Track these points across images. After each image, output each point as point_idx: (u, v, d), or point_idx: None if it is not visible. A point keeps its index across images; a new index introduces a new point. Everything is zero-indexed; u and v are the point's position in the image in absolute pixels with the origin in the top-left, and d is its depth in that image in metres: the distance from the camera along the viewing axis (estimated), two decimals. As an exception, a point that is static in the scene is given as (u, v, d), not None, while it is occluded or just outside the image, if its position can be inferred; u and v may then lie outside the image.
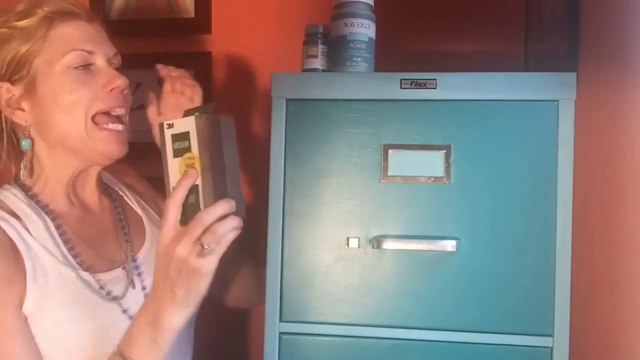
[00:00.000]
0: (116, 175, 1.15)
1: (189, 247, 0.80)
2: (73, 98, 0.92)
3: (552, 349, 0.92)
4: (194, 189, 0.83)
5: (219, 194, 0.82)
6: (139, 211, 1.10)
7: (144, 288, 1.00)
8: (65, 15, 0.94)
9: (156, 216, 1.12)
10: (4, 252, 0.88)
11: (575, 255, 0.92)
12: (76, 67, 0.93)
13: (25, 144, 0.95)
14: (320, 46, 1.09)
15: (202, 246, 0.81)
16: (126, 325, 0.93)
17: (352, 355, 0.96)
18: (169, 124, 0.85)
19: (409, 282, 0.95)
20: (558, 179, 0.93)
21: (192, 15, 1.43)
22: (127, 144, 0.98)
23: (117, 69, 0.99)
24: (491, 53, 1.33)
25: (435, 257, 0.94)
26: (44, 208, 0.96)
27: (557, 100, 0.93)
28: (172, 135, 0.84)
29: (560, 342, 0.92)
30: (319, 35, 1.09)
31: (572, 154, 0.93)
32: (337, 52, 1.03)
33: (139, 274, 1.01)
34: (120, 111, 0.96)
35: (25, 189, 0.97)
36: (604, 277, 0.92)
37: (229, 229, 0.81)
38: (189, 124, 0.83)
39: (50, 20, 0.93)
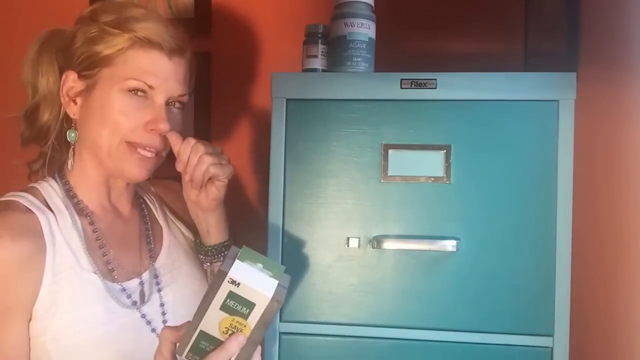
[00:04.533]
0: (155, 183, 1.16)
1: None
2: (116, 120, 0.93)
3: (552, 349, 0.92)
4: (212, 340, 0.81)
5: None
6: (161, 221, 1.10)
7: (162, 304, 0.99)
8: (148, 42, 0.94)
9: (177, 227, 1.12)
10: (33, 246, 0.88)
11: (575, 255, 0.92)
12: (134, 92, 0.94)
13: (71, 135, 0.98)
14: (320, 46, 1.09)
15: None
16: (145, 331, 0.94)
17: (352, 355, 0.96)
18: (234, 281, 0.79)
19: (409, 282, 0.95)
20: (558, 179, 0.93)
21: (192, 15, 1.43)
22: (151, 171, 0.98)
23: (178, 109, 0.99)
24: (491, 53, 1.33)
25: (436, 257, 0.94)
26: (78, 205, 0.98)
27: (557, 100, 0.93)
28: (231, 292, 0.79)
29: (560, 342, 0.92)
30: (319, 35, 1.09)
31: (572, 154, 0.93)
32: (337, 52, 1.03)
33: (157, 283, 1.01)
34: (151, 150, 0.96)
35: (64, 183, 0.99)
36: (604, 277, 0.92)
37: None
38: (260, 299, 0.79)
39: (134, 40, 0.93)
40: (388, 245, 0.94)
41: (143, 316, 0.96)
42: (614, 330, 0.87)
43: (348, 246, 0.97)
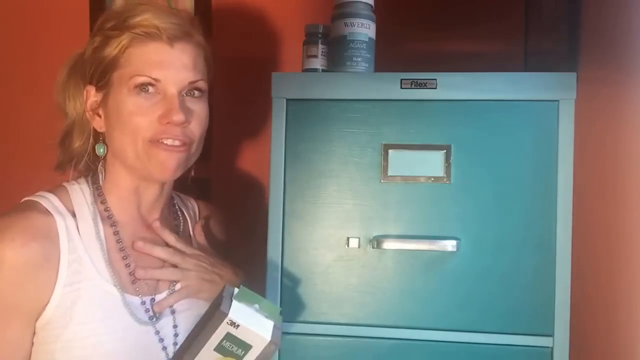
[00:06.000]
0: (201, 207, 1.17)
1: None
2: (132, 122, 0.92)
3: (552, 349, 0.92)
4: None
5: None
6: (194, 242, 1.09)
7: (175, 326, 0.98)
8: (146, 35, 0.92)
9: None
10: (45, 252, 0.87)
11: (575, 255, 0.92)
12: (142, 90, 0.92)
13: (100, 149, 0.97)
14: (320, 46, 1.09)
15: None
16: (157, 348, 0.93)
17: (352, 355, 0.96)
18: (233, 323, 0.78)
19: (409, 282, 0.95)
20: (558, 179, 0.93)
21: (192, 15, 1.43)
22: (181, 167, 0.96)
23: (198, 97, 0.97)
24: (491, 53, 1.33)
25: (436, 257, 0.94)
26: (105, 212, 0.97)
27: (557, 100, 0.93)
28: (228, 334, 0.78)
29: (560, 342, 0.92)
30: (319, 35, 1.09)
31: (572, 154, 0.93)
32: (337, 52, 1.03)
33: (171, 305, 0.99)
34: (174, 142, 0.94)
35: (95, 187, 0.98)
36: (604, 277, 0.92)
37: None
38: (257, 341, 0.79)
39: (132, 37, 0.92)
40: (388, 245, 0.94)
41: (157, 332, 0.94)
42: (614, 330, 0.87)
43: (348, 246, 0.97)
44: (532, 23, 1.28)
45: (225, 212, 1.24)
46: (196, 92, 0.97)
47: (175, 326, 0.98)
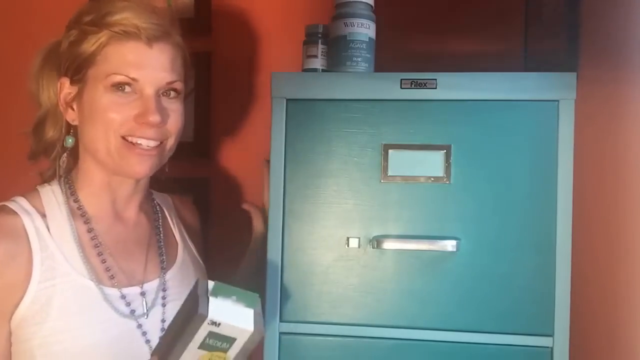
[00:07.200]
0: (175, 201, 1.17)
1: None
2: (105, 117, 0.92)
3: (552, 349, 0.92)
4: None
5: None
6: (177, 235, 1.10)
7: (163, 320, 0.98)
8: (125, 34, 0.92)
9: (191, 247, 1.12)
10: (12, 249, 0.88)
11: (575, 255, 0.92)
12: (119, 88, 0.92)
13: (68, 141, 0.98)
14: (320, 46, 1.09)
15: None
16: (140, 342, 0.93)
17: (352, 355, 0.96)
18: (215, 322, 0.78)
19: (409, 282, 0.95)
20: (558, 179, 0.93)
21: (192, 15, 1.43)
22: (154, 167, 0.97)
23: (174, 98, 0.97)
24: (491, 53, 1.33)
25: (436, 257, 0.94)
26: (79, 209, 0.97)
27: (557, 100, 0.93)
28: (210, 332, 0.79)
29: (560, 342, 0.92)
30: (319, 35, 1.09)
31: (572, 154, 0.93)
32: (337, 52, 1.03)
33: (164, 297, 1.00)
34: (149, 143, 0.94)
35: (68, 186, 0.98)
36: (604, 277, 0.92)
37: None
38: (241, 334, 0.79)
39: (110, 35, 0.92)
40: (388, 245, 0.94)
41: (139, 326, 0.94)
42: (614, 330, 0.87)
43: (348, 246, 0.97)
44: (532, 23, 1.27)
45: (225, 212, 1.25)
46: (172, 93, 0.97)
47: (163, 320, 0.98)
